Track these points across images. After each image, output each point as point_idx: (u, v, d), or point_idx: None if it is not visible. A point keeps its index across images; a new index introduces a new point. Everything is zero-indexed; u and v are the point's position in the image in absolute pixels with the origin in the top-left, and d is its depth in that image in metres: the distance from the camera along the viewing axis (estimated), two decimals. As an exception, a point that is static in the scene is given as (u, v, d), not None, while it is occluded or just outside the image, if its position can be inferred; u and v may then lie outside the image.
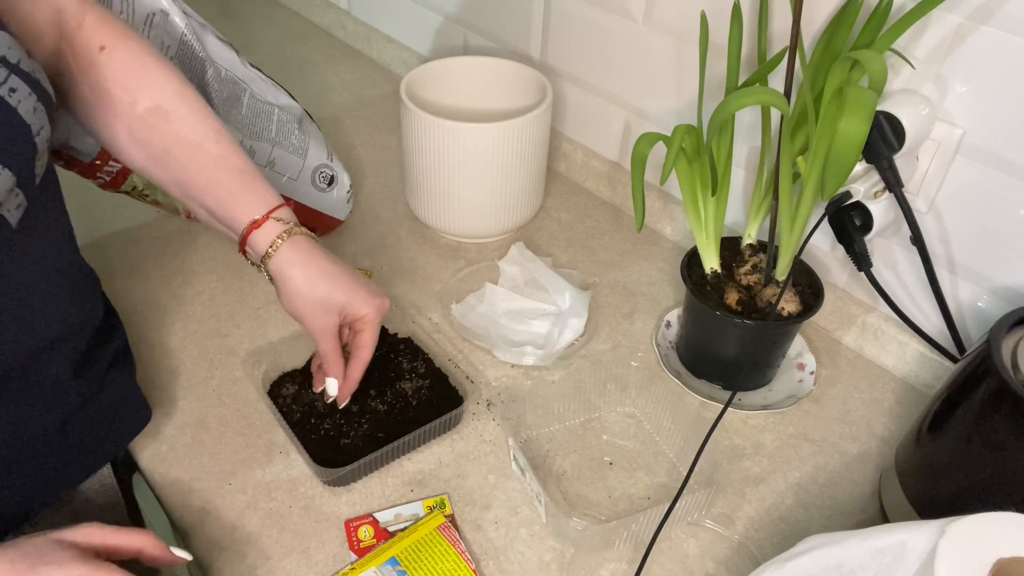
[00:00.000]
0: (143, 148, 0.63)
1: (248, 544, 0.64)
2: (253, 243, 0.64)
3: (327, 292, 0.65)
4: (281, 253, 0.64)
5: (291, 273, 0.64)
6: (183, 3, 0.81)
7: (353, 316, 0.67)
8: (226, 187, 0.64)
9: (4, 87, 0.46)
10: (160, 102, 0.62)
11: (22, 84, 0.47)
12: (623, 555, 0.64)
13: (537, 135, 0.88)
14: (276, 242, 0.64)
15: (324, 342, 0.67)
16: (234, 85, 0.85)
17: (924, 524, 0.43)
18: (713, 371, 0.79)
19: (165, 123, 0.62)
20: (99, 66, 0.60)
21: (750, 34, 0.76)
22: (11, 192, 0.48)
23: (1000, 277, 0.70)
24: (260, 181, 0.65)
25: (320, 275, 0.65)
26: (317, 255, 0.65)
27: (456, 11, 1.16)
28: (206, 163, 0.64)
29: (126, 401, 0.67)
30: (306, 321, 0.66)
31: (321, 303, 0.65)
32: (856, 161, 0.60)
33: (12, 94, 0.47)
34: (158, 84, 0.62)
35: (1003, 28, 0.62)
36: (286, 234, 0.64)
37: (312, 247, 0.66)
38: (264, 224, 0.64)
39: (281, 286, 0.65)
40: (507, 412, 0.73)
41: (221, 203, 0.64)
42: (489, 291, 0.87)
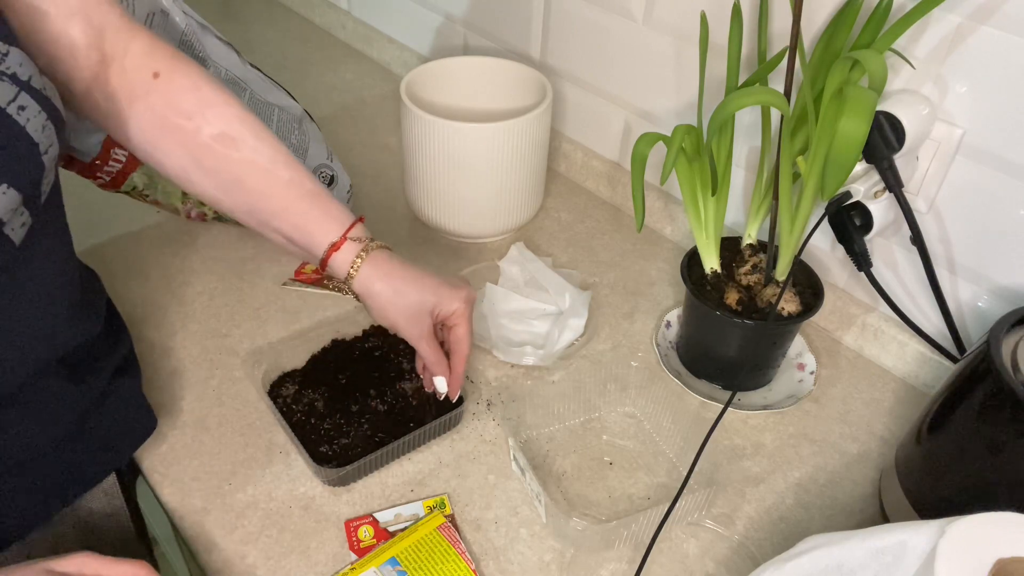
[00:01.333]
0: (212, 177, 0.62)
1: (248, 544, 0.64)
2: (334, 266, 0.65)
3: (416, 299, 0.66)
4: (363, 272, 0.64)
5: (377, 289, 0.65)
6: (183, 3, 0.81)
7: (445, 314, 0.68)
8: (301, 212, 0.64)
9: (13, 105, 0.46)
10: (225, 129, 0.61)
11: (32, 102, 0.47)
12: (623, 555, 0.64)
13: (537, 135, 0.88)
14: (356, 262, 0.64)
15: (423, 347, 0.68)
16: (234, 85, 0.85)
17: (924, 524, 0.43)
18: (713, 371, 0.79)
19: (233, 150, 0.61)
20: (154, 94, 0.59)
21: (750, 34, 0.76)
22: (16, 211, 0.47)
23: (1000, 277, 0.70)
24: (332, 201, 0.65)
25: (405, 284, 0.65)
26: (397, 265, 0.66)
27: (456, 11, 1.16)
28: (278, 189, 0.63)
29: (131, 410, 0.67)
30: (402, 331, 0.67)
31: (412, 311, 0.66)
32: (856, 161, 0.60)
33: (21, 112, 0.46)
34: (220, 110, 0.61)
35: (1003, 28, 0.62)
36: (364, 252, 0.64)
37: (391, 259, 0.66)
38: (342, 246, 0.64)
39: (371, 303, 0.66)
40: (507, 412, 0.73)
41: (297, 228, 0.64)
42: (489, 291, 0.87)
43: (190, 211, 0.92)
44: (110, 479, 0.72)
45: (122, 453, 0.67)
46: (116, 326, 0.68)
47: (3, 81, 0.45)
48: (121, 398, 0.65)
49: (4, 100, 0.45)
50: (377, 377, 0.75)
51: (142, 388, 0.69)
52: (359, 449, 0.69)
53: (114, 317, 0.68)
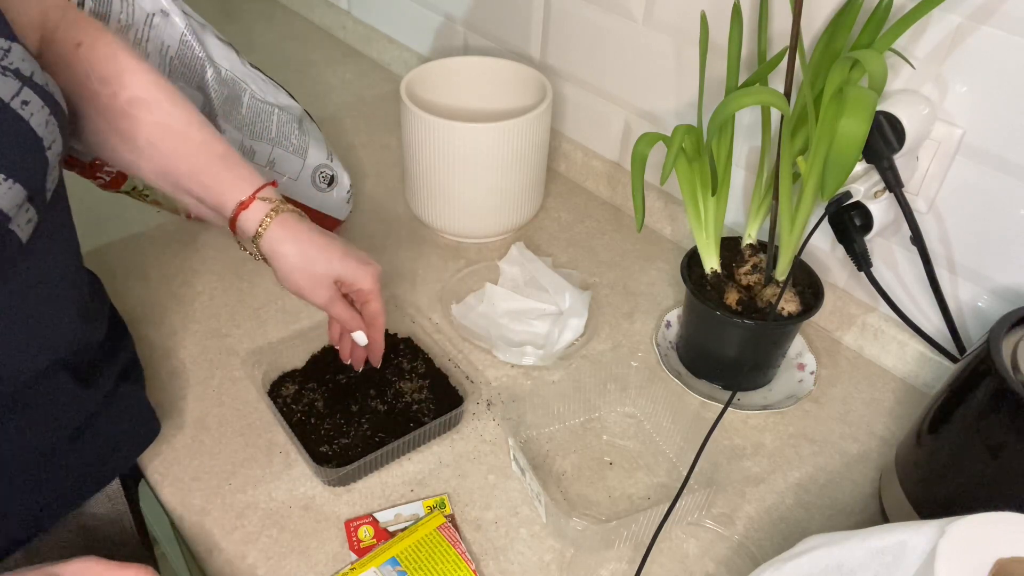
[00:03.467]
0: (128, 141, 0.62)
1: (248, 544, 0.64)
2: (242, 225, 0.65)
3: (324, 268, 0.66)
4: (271, 232, 0.64)
5: (284, 251, 0.65)
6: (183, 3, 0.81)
7: (352, 287, 0.68)
8: (211, 172, 0.65)
9: (17, 99, 0.46)
10: (139, 93, 0.62)
11: (35, 97, 0.47)
12: (623, 555, 0.64)
13: (537, 135, 0.88)
14: (265, 221, 0.64)
15: (334, 309, 0.68)
16: (234, 85, 0.85)
17: (924, 524, 0.43)
18: (713, 371, 0.79)
19: (147, 113, 0.62)
20: (77, 62, 0.60)
21: (750, 34, 0.76)
22: (21, 207, 0.47)
23: (1000, 277, 0.70)
24: (243, 164, 0.66)
25: (313, 249, 0.65)
26: (306, 230, 0.66)
27: (456, 11, 1.16)
28: (189, 150, 0.64)
29: (136, 415, 0.67)
30: (308, 295, 0.67)
31: (319, 276, 0.66)
32: (856, 161, 0.60)
33: (25, 107, 0.46)
34: (135, 76, 0.62)
35: (1003, 28, 0.62)
36: (274, 212, 0.65)
37: (300, 222, 0.66)
38: (251, 204, 0.64)
39: (277, 264, 0.66)
40: (507, 412, 0.73)
41: (207, 189, 0.64)
42: (489, 291, 0.87)
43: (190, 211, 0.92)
44: (114, 484, 0.72)
45: (126, 458, 0.67)
46: (119, 330, 0.68)
47: (7, 76, 0.45)
48: (125, 403, 0.64)
49: (7, 95, 0.45)
50: (377, 377, 0.75)
51: (146, 393, 0.69)
52: (359, 449, 0.69)
53: (117, 321, 0.68)
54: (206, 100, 0.83)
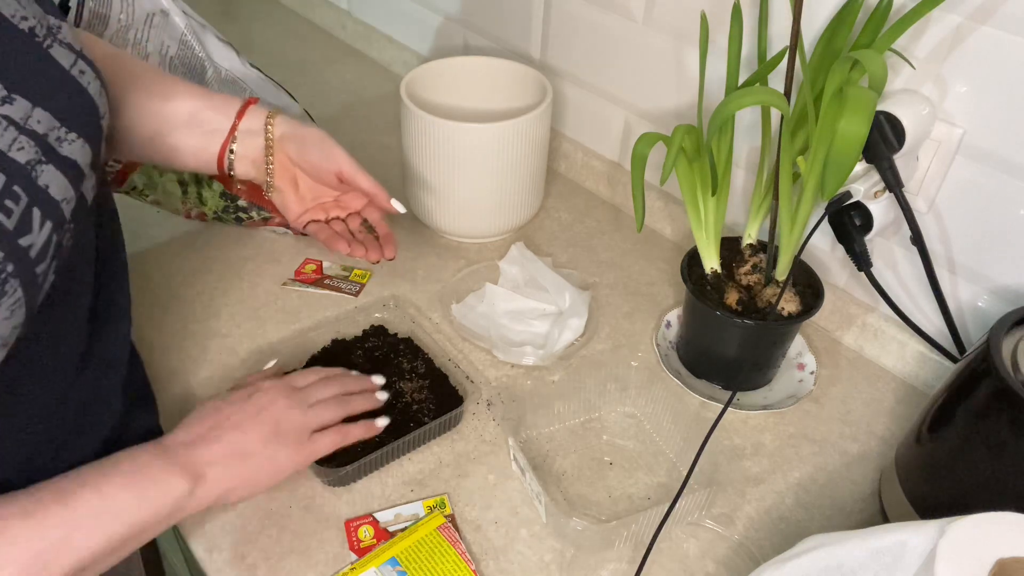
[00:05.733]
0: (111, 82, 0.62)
1: (248, 544, 0.64)
2: (251, 116, 0.68)
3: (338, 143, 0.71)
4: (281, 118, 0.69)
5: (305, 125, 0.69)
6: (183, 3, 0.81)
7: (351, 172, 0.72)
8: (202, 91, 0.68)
9: (75, 68, 0.48)
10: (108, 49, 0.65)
11: (88, 68, 0.49)
12: (623, 555, 0.64)
13: (537, 135, 0.88)
14: (271, 113, 0.69)
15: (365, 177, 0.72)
16: (234, 85, 0.85)
17: (924, 524, 0.43)
18: (713, 371, 0.79)
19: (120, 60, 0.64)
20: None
21: (750, 34, 0.76)
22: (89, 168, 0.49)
23: (1000, 277, 0.70)
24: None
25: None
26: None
27: (456, 11, 1.16)
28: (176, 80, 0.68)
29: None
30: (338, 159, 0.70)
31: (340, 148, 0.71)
32: (856, 161, 0.60)
33: (82, 75, 0.49)
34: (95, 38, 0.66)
35: (1003, 28, 0.62)
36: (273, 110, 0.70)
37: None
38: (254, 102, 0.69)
39: (303, 135, 0.70)
40: (507, 412, 0.73)
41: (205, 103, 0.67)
42: (489, 291, 0.87)
43: (190, 211, 0.92)
44: None
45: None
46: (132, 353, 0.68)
47: (63, 47, 0.48)
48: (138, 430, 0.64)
49: (67, 63, 0.48)
50: (377, 377, 0.75)
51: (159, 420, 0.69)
52: (359, 449, 0.68)
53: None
54: (206, 100, 0.83)
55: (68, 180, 0.46)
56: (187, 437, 0.58)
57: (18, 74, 0.44)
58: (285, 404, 0.62)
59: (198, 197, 0.90)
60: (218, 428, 0.59)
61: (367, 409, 0.68)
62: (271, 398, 0.62)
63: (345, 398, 0.67)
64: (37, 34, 0.46)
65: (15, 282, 0.42)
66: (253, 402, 0.62)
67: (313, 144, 0.70)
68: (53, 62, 0.47)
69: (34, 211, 0.43)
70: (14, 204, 0.42)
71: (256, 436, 0.59)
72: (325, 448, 0.63)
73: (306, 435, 0.62)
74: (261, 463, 0.59)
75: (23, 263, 0.42)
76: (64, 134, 0.46)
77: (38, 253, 0.44)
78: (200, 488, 0.55)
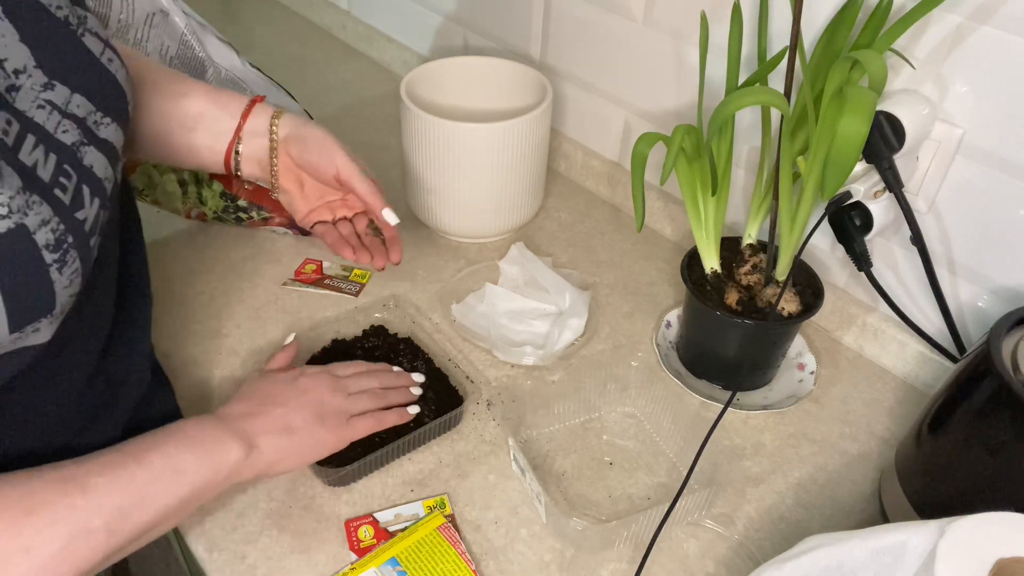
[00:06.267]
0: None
1: (248, 544, 0.64)
2: (256, 117, 0.69)
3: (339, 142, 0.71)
4: (286, 118, 0.70)
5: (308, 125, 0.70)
6: (183, 3, 0.81)
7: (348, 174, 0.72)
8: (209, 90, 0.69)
9: (104, 56, 0.50)
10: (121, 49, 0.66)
11: (116, 57, 0.52)
12: (623, 555, 0.64)
13: (537, 135, 0.88)
14: (276, 113, 0.70)
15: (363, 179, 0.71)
16: (234, 85, 0.85)
17: (924, 524, 0.43)
18: (713, 371, 0.79)
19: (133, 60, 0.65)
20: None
21: (750, 34, 0.76)
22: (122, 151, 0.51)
23: (1000, 277, 0.70)
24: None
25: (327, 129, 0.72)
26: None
27: (456, 11, 1.16)
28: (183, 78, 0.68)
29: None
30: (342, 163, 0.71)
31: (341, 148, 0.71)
32: (856, 161, 0.60)
33: (111, 63, 0.51)
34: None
35: (1003, 28, 0.62)
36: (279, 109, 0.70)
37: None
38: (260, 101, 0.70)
39: (305, 135, 0.70)
40: (507, 412, 0.73)
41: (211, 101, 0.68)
42: (489, 291, 0.87)
43: (190, 211, 0.92)
44: None
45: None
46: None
47: (92, 36, 0.50)
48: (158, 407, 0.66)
49: (97, 51, 0.50)
50: (377, 377, 0.75)
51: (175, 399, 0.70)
52: (359, 449, 0.68)
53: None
54: (206, 100, 0.83)
55: (108, 160, 0.49)
56: (240, 409, 0.62)
57: (57, 61, 0.47)
58: (328, 388, 0.66)
59: (198, 197, 0.90)
60: (268, 403, 0.63)
61: (402, 403, 0.71)
62: (316, 383, 0.66)
63: (382, 392, 0.70)
64: (71, 23, 0.49)
65: (74, 253, 0.44)
66: (299, 384, 0.66)
67: (314, 145, 0.70)
68: (86, 51, 0.49)
69: (83, 188, 0.46)
70: (68, 181, 0.45)
71: (301, 415, 0.63)
72: (362, 431, 0.66)
73: (344, 419, 0.65)
74: (304, 439, 0.62)
75: (80, 235, 0.45)
76: (100, 118, 0.49)
77: (91, 227, 0.46)
78: (253, 455, 0.59)
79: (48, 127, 0.45)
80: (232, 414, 0.61)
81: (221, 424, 0.59)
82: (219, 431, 0.58)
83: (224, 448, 0.57)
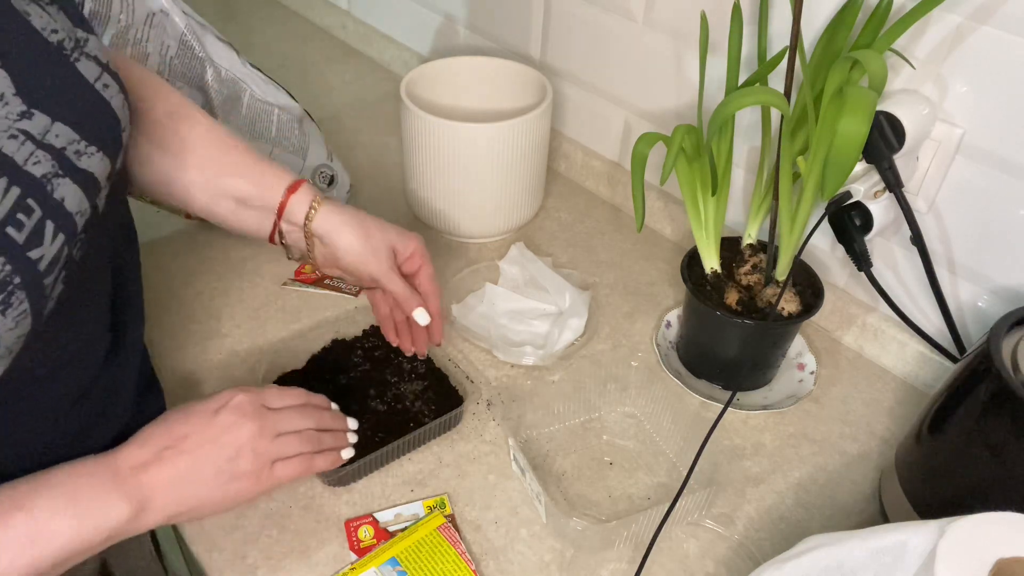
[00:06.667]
0: (166, 152, 0.64)
1: (248, 544, 0.64)
2: (292, 208, 0.66)
3: (380, 235, 0.67)
4: (324, 210, 0.66)
5: (341, 228, 0.66)
6: (183, 3, 0.81)
7: (404, 252, 0.69)
8: (255, 167, 0.66)
9: (99, 82, 0.49)
10: (175, 107, 0.65)
11: (113, 82, 0.50)
12: (623, 555, 0.64)
13: (537, 135, 0.88)
14: (314, 204, 0.66)
15: (394, 280, 0.68)
16: (234, 85, 0.85)
17: (924, 524, 0.43)
18: (713, 371, 0.79)
19: (184, 122, 0.64)
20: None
21: (750, 34, 0.76)
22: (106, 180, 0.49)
23: (1000, 277, 0.70)
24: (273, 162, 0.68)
25: (365, 220, 0.67)
26: (352, 208, 0.68)
27: (456, 11, 1.16)
28: (229, 150, 0.66)
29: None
30: (370, 266, 0.67)
31: (377, 245, 0.67)
32: (856, 161, 0.60)
33: (106, 89, 0.49)
34: (167, 91, 0.65)
35: (1003, 28, 0.62)
36: (321, 196, 0.66)
37: (344, 205, 0.68)
38: (300, 187, 0.66)
39: (335, 241, 0.67)
40: (507, 412, 0.73)
41: (251, 181, 0.66)
42: (489, 291, 0.87)
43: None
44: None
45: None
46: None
47: (90, 61, 0.49)
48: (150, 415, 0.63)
49: (92, 77, 0.48)
50: (377, 377, 0.75)
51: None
52: (359, 449, 0.68)
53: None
54: (206, 100, 0.83)
55: (84, 193, 0.47)
56: (138, 457, 0.54)
57: (42, 89, 0.45)
58: (251, 430, 0.58)
59: (198, 197, 0.90)
60: (172, 449, 0.55)
61: (334, 448, 0.64)
62: (237, 420, 0.58)
63: (316, 434, 0.62)
64: (65, 48, 0.47)
65: (21, 294, 0.42)
66: (217, 423, 0.57)
67: (345, 252, 0.67)
68: (78, 76, 0.48)
69: (47, 224, 0.44)
70: (26, 217, 0.43)
71: (211, 464, 0.56)
72: (285, 479, 0.60)
73: (267, 465, 0.58)
74: (211, 492, 0.56)
75: (31, 275, 0.43)
76: (84, 147, 0.47)
77: (47, 265, 0.44)
78: (143, 514, 0.53)
79: (17, 158, 0.43)
80: (128, 464, 0.54)
81: (112, 477, 0.53)
82: (106, 487, 0.52)
83: (105, 508, 0.51)
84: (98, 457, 0.54)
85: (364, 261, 0.67)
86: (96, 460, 0.53)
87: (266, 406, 0.60)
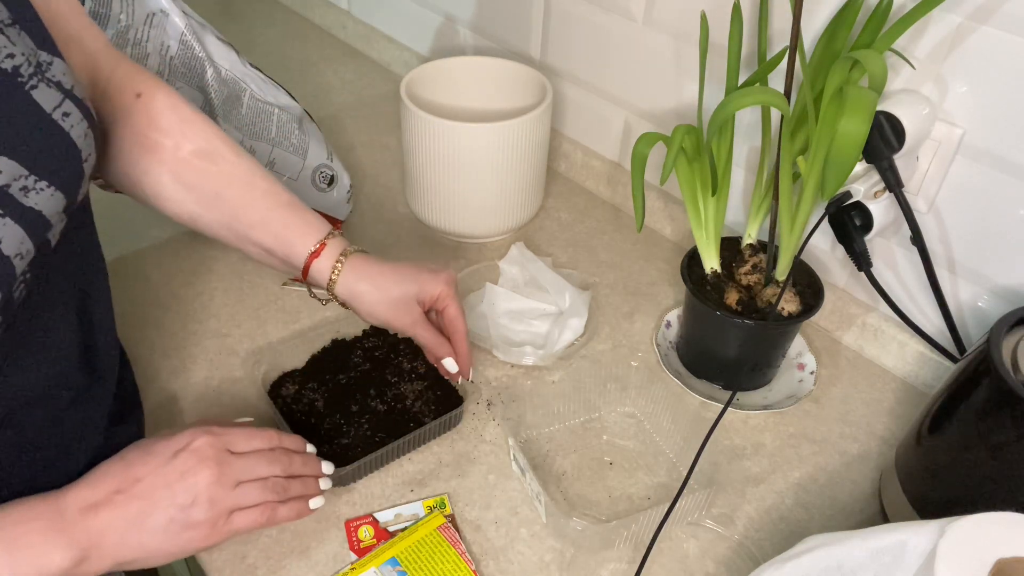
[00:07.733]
0: (191, 191, 0.63)
1: (248, 544, 0.64)
2: (315, 274, 0.66)
3: (399, 291, 0.67)
4: (344, 276, 0.66)
5: (361, 289, 0.66)
6: (183, 3, 0.81)
7: (431, 299, 0.69)
8: (280, 220, 0.65)
9: (59, 111, 0.46)
10: (204, 145, 0.63)
11: (75, 110, 0.47)
12: (623, 555, 0.64)
13: (537, 135, 0.88)
14: (336, 267, 0.66)
15: (420, 333, 0.69)
16: (234, 85, 0.85)
17: (924, 524, 0.43)
18: (713, 371, 0.79)
19: (212, 164, 0.63)
20: (136, 113, 0.61)
21: (750, 34, 0.76)
22: (60, 215, 0.47)
23: (1000, 277, 0.70)
24: (308, 211, 0.67)
25: (385, 279, 0.67)
26: (375, 263, 0.68)
27: (456, 11, 1.16)
28: (257, 200, 0.65)
29: None
30: (394, 324, 0.68)
31: (398, 302, 0.67)
32: (856, 161, 0.60)
33: (66, 118, 0.47)
34: (199, 127, 0.63)
35: (1003, 28, 0.62)
36: (344, 256, 0.66)
37: (368, 260, 0.68)
38: (322, 252, 0.66)
39: (357, 304, 0.67)
40: (507, 412, 0.73)
41: (277, 238, 0.65)
42: (489, 291, 0.87)
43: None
44: None
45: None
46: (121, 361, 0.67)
47: (50, 87, 0.46)
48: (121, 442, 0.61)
49: (50, 106, 0.46)
50: (377, 377, 0.75)
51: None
52: (359, 449, 0.69)
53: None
54: (206, 100, 0.83)
55: (27, 232, 0.43)
56: (88, 499, 0.51)
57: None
58: (208, 477, 0.54)
59: (198, 197, 0.90)
60: (124, 494, 0.52)
61: (302, 497, 0.60)
62: (195, 465, 0.54)
63: (283, 481, 0.58)
64: (21, 74, 0.44)
65: None
66: (174, 467, 0.54)
67: (368, 315, 0.68)
68: (32, 105, 0.45)
69: None
70: None
71: (163, 512, 0.52)
72: (243, 530, 0.56)
73: (224, 515, 0.55)
74: (161, 542, 0.53)
75: None
76: (32, 183, 0.44)
77: None
78: (87, 562, 0.50)
79: None
80: (76, 506, 0.51)
81: (58, 520, 0.50)
82: (49, 532, 0.49)
83: (45, 555, 0.48)
84: (46, 496, 0.51)
85: (387, 321, 0.68)
86: (43, 500, 0.51)
87: (230, 450, 0.57)
